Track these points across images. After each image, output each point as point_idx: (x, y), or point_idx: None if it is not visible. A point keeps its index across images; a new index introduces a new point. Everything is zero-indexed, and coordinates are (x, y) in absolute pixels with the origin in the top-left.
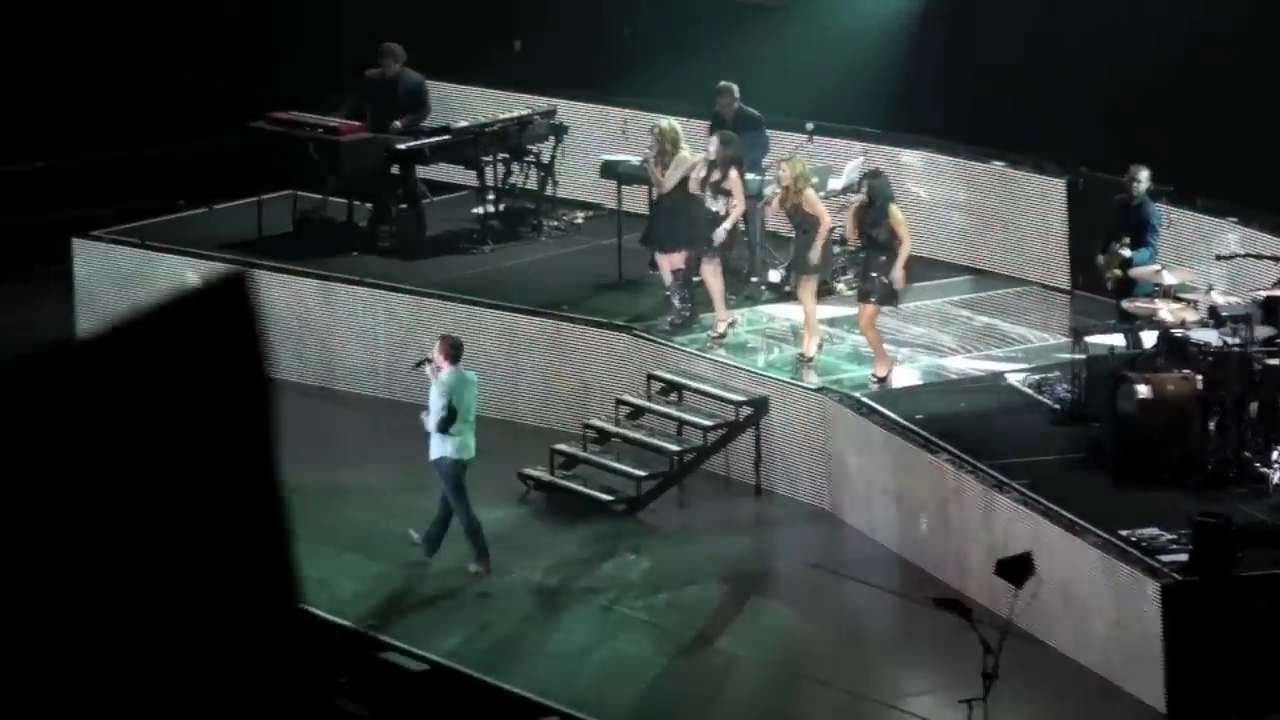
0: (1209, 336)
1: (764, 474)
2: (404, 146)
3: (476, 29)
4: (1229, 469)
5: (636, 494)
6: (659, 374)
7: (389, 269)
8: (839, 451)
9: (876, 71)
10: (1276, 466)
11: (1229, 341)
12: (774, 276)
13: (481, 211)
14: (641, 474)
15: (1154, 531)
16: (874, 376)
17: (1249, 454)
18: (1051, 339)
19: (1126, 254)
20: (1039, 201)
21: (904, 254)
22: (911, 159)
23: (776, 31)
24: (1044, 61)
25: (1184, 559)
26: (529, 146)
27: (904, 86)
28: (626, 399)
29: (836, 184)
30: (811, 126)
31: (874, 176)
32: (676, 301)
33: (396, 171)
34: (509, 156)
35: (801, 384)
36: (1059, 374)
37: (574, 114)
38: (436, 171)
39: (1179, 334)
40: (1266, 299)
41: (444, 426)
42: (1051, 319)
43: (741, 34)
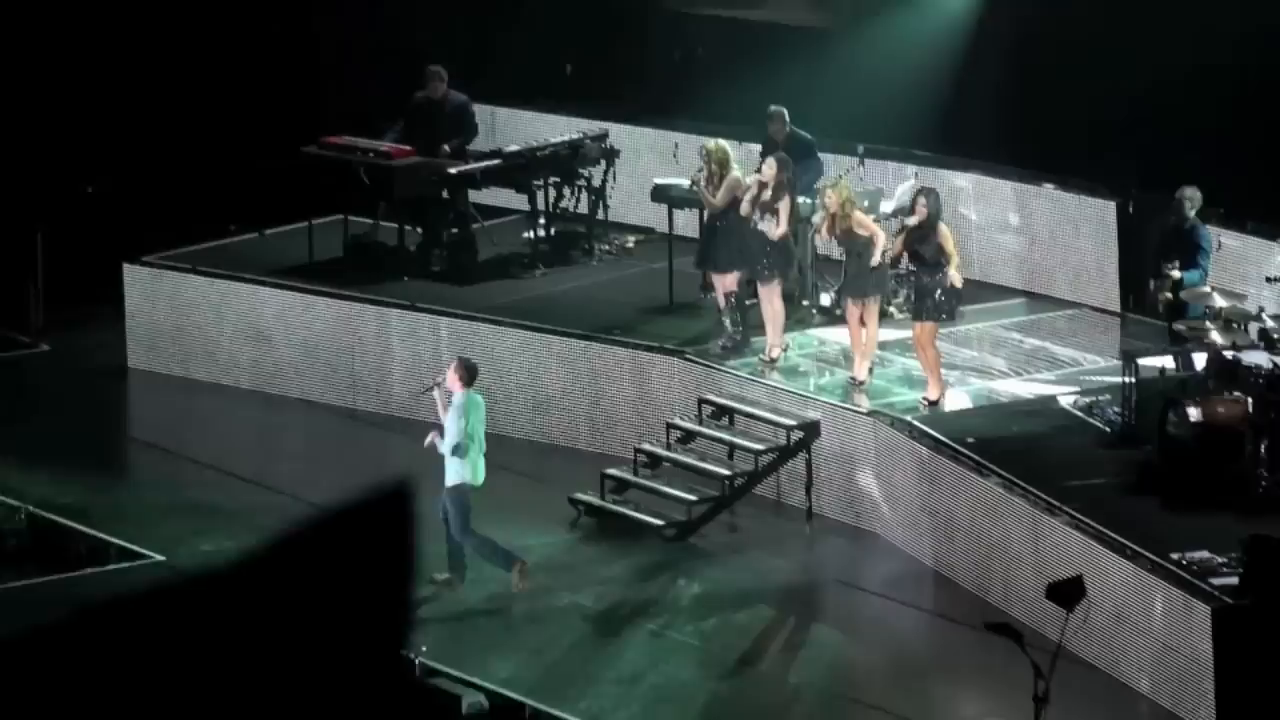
0: (1260, 359)
1: (815, 498)
2: (455, 171)
3: (528, 53)
4: None
5: (687, 518)
6: (710, 398)
7: (440, 293)
8: (890, 475)
9: (927, 94)
10: None
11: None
12: (825, 300)
13: (533, 235)
14: (692, 498)
15: (1205, 554)
16: (925, 400)
17: None
18: (1102, 361)
19: (1177, 276)
20: (1090, 224)
21: (953, 268)
22: (962, 181)
23: (827, 55)
24: (1095, 83)
25: (1235, 582)
26: (580, 170)
27: (955, 109)
28: (678, 423)
29: (888, 207)
30: (863, 150)
31: (930, 195)
32: (729, 324)
33: (448, 196)
34: (560, 180)
35: (853, 408)
36: (1110, 397)
37: (625, 138)
38: (488, 196)
39: (1230, 356)
40: None
41: (463, 450)
42: (1102, 341)
43: (792, 57)
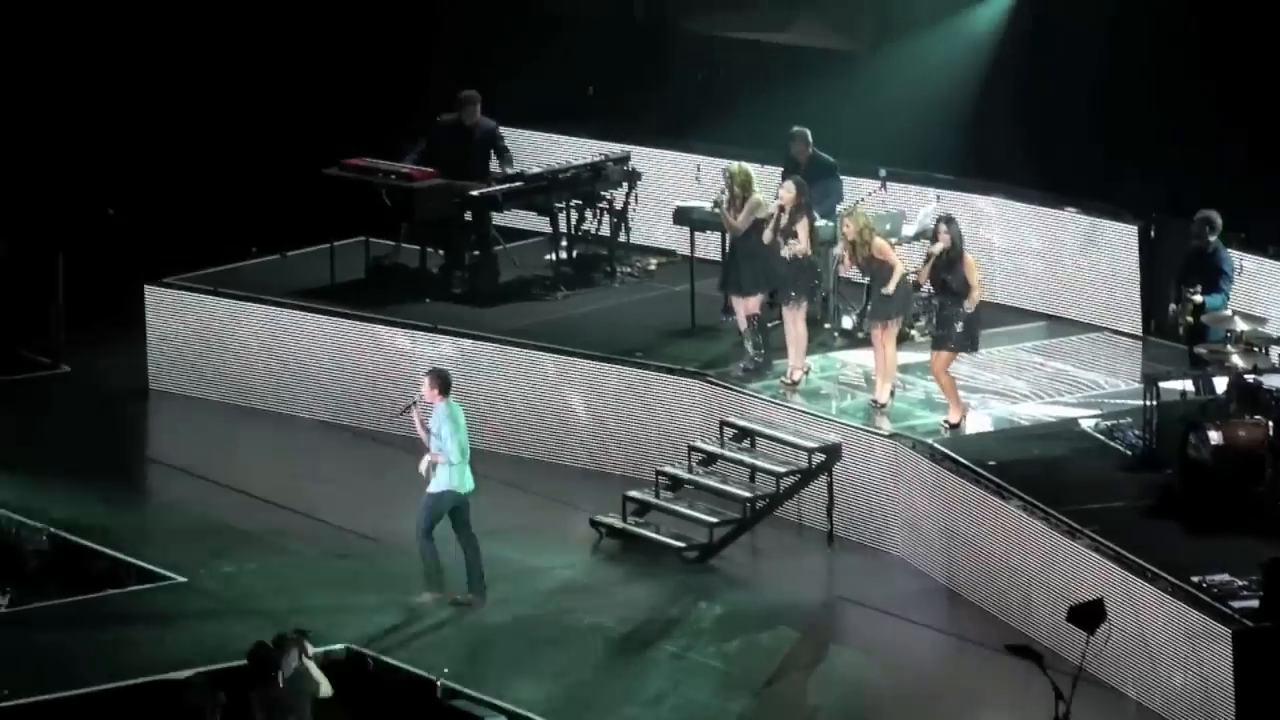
0: None
1: (836, 520)
2: (477, 193)
3: (551, 75)
4: None
5: (709, 540)
6: (732, 420)
7: (462, 315)
8: (911, 497)
9: (949, 117)
10: None
11: None
12: (847, 323)
13: (554, 258)
14: (714, 520)
15: (1225, 577)
16: (946, 422)
17: None
18: (1123, 385)
19: (1198, 300)
20: (1112, 247)
21: (975, 298)
22: (984, 205)
23: (850, 78)
24: (1117, 106)
25: (1255, 605)
26: (602, 193)
27: (977, 132)
28: (699, 445)
29: (909, 230)
30: (884, 172)
31: (951, 223)
32: (750, 347)
33: (470, 218)
34: (582, 203)
35: (874, 430)
36: (1131, 420)
37: (647, 160)
38: (510, 218)
39: (1251, 380)
40: None
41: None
42: (1123, 365)
43: (815, 80)
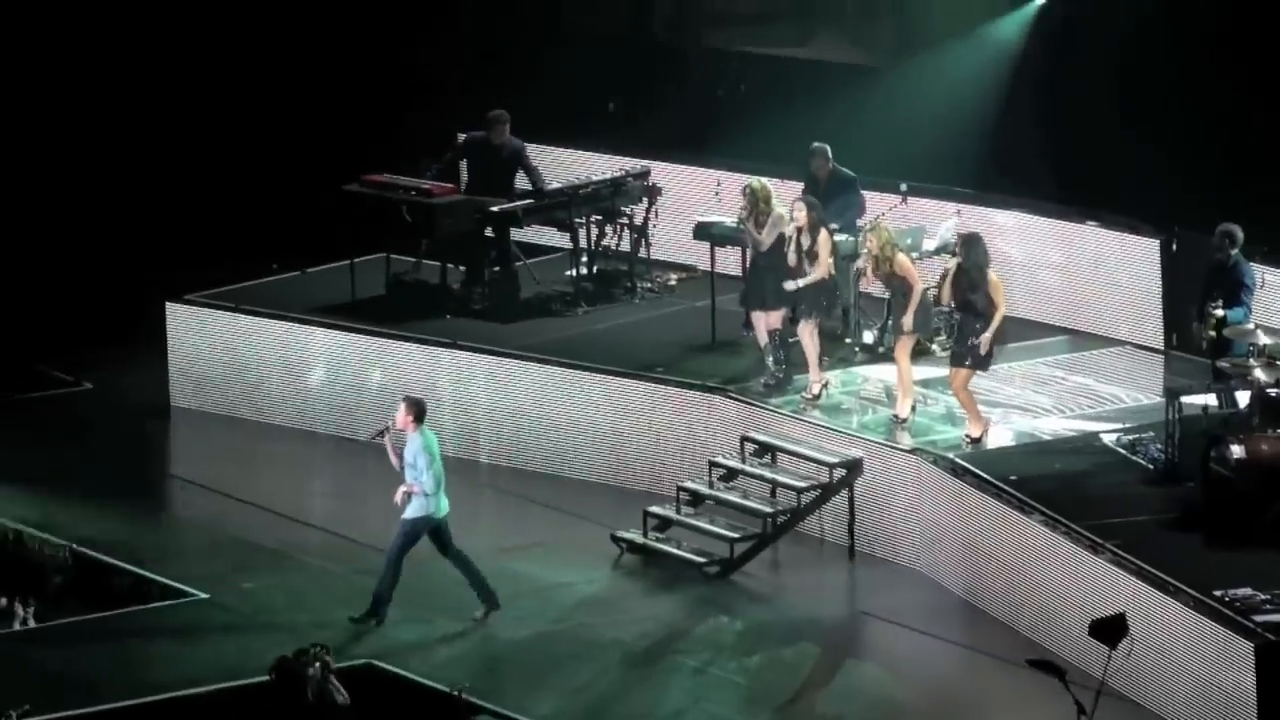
0: None
1: (858, 535)
2: (497, 209)
3: (570, 91)
4: None
5: (730, 556)
6: (753, 435)
7: (482, 331)
8: (932, 513)
9: (970, 132)
10: None
11: None
12: (868, 338)
13: (575, 273)
14: (735, 536)
15: (1248, 591)
16: (967, 437)
17: None
18: (1145, 399)
19: (1220, 313)
20: (1132, 261)
21: (997, 320)
22: (1005, 219)
23: (870, 93)
24: (1137, 120)
25: (1278, 619)
26: (622, 208)
27: (997, 146)
28: (720, 460)
29: (930, 244)
30: (905, 187)
31: (970, 243)
32: (771, 363)
33: (490, 234)
34: (602, 218)
35: (895, 445)
36: (1153, 434)
37: (667, 175)
38: (530, 234)
39: (1273, 394)
40: None
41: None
42: (1145, 379)
43: (835, 95)
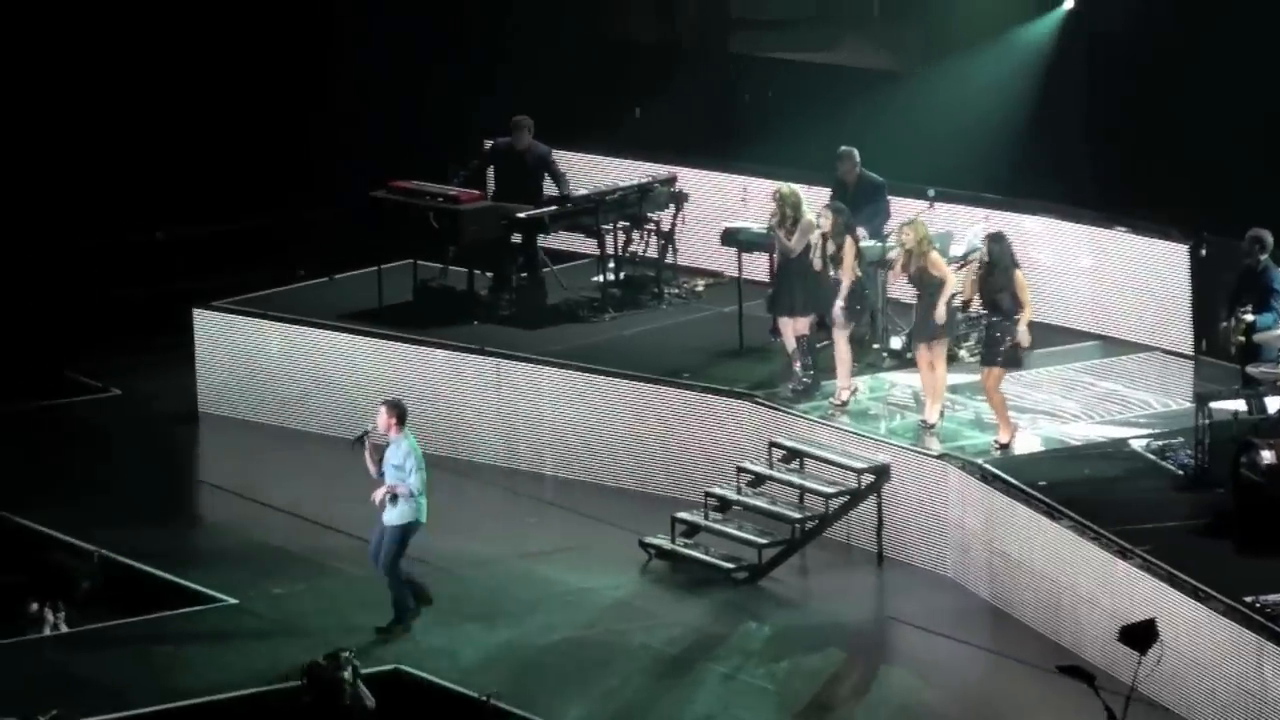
0: None
1: (886, 541)
2: (524, 215)
3: (597, 96)
4: None
5: (758, 562)
6: (781, 441)
7: (510, 338)
8: (961, 518)
9: (998, 137)
10: None
11: None
12: (896, 343)
13: (602, 279)
14: (763, 541)
15: (1278, 597)
16: (996, 443)
17: None
18: (1175, 404)
19: (1250, 319)
20: (1162, 267)
21: (1026, 317)
22: (1034, 225)
23: (898, 98)
24: (1166, 125)
25: None
26: (649, 214)
27: (1025, 152)
28: (748, 466)
29: (958, 250)
30: (933, 192)
31: (996, 240)
32: (798, 368)
33: (517, 240)
34: (629, 224)
35: (924, 450)
36: (1182, 440)
37: (694, 181)
38: (557, 240)
39: None
40: None
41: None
42: (1175, 384)
43: (863, 100)
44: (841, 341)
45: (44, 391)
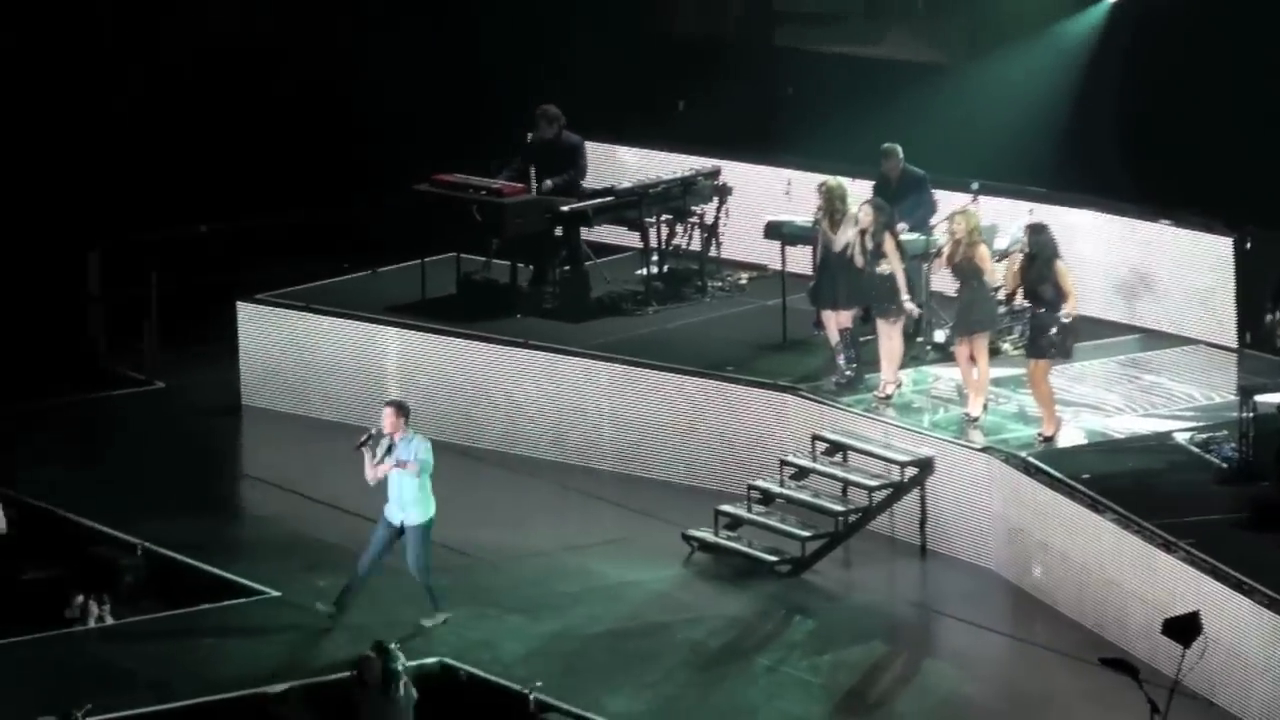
0: None
1: (929, 534)
2: (568, 208)
3: (641, 90)
4: None
5: (801, 554)
6: (824, 434)
7: (553, 331)
8: (1004, 511)
9: (1042, 130)
10: None
11: None
12: (939, 336)
13: (645, 273)
14: (806, 534)
15: None
16: (1040, 436)
17: None
18: (1219, 398)
19: None
20: (1206, 260)
21: (1071, 305)
22: (1078, 218)
23: (941, 91)
24: (1211, 119)
25: None
26: (693, 207)
27: (1070, 144)
28: (791, 459)
29: (1002, 243)
30: (977, 186)
31: (1038, 232)
32: (842, 361)
33: (560, 233)
34: (673, 217)
35: (967, 444)
36: (1226, 433)
37: (738, 175)
38: (601, 233)
39: None
40: None
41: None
42: (1219, 377)
43: (907, 93)
44: (895, 336)
45: (87, 385)
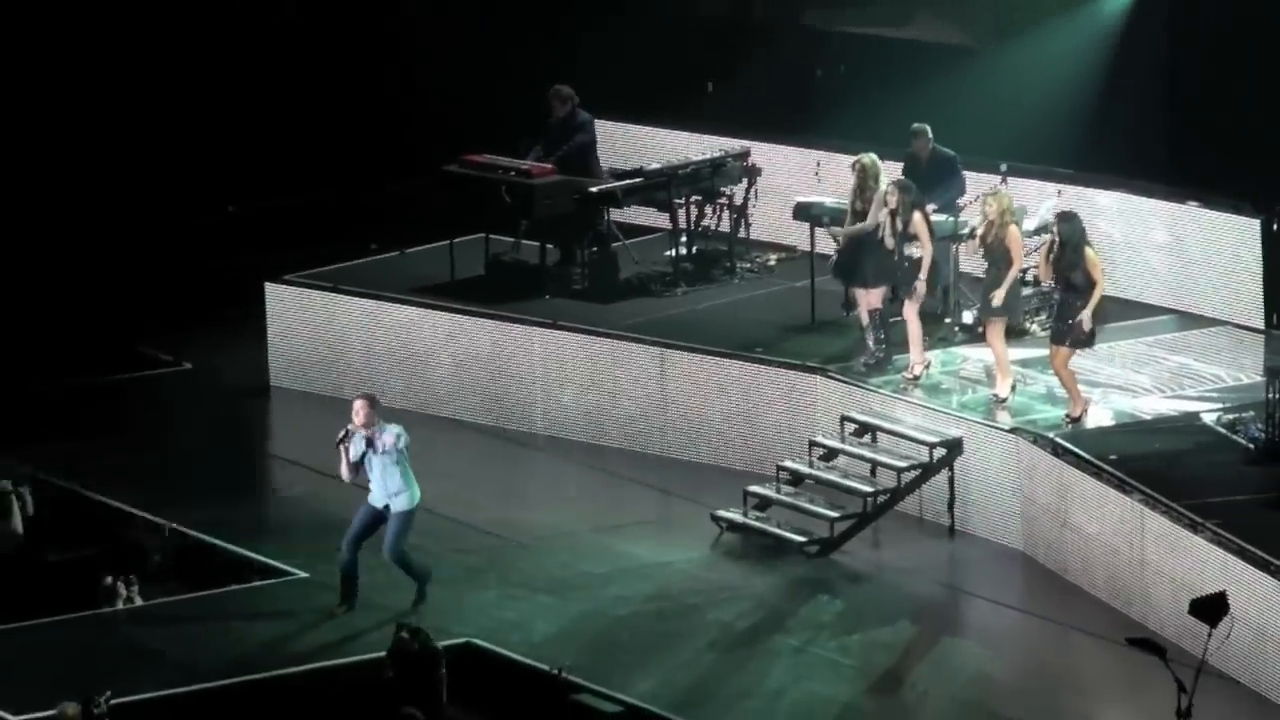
0: None
1: (957, 514)
2: (596, 189)
3: (671, 71)
4: None
5: (829, 535)
6: (853, 415)
7: (582, 311)
8: (1032, 492)
9: (1070, 112)
10: None
11: None
12: (968, 318)
13: (674, 254)
14: (835, 515)
15: None
16: (1068, 417)
17: None
18: (1245, 378)
19: None
20: (1234, 241)
21: (1096, 297)
22: (1106, 199)
23: (971, 72)
24: (1240, 100)
25: None
26: (722, 189)
27: (1097, 126)
28: (820, 440)
29: (1030, 224)
30: (1005, 167)
31: (1066, 219)
32: (871, 342)
33: (589, 215)
34: (702, 199)
35: (995, 425)
36: (1253, 413)
37: (767, 156)
38: (630, 214)
39: None
40: None
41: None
42: (1246, 358)
43: (936, 75)
44: (911, 316)
45: (115, 366)
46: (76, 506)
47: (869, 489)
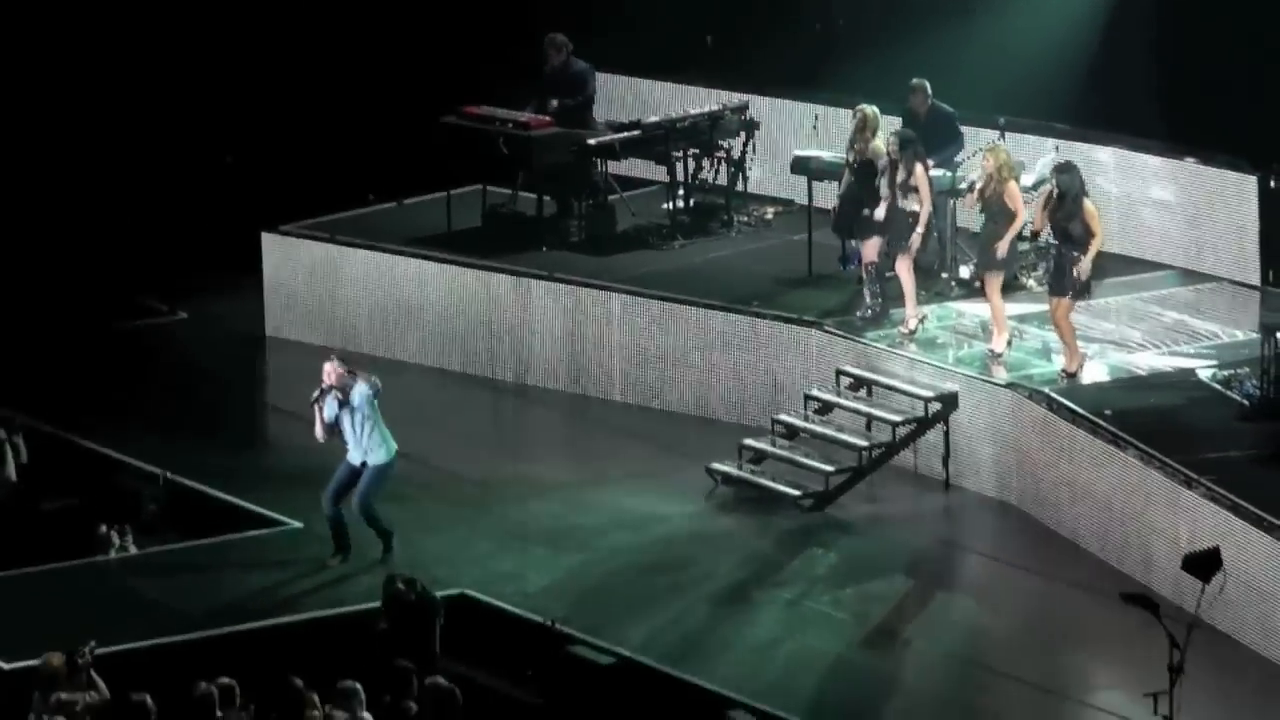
0: None
1: (952, 469)
2: (594, 142)
3: (670, 24)
4: None
5: (824, 489)
6: (848, 369)
7: (578, 264)
8: (1027, 446)
9: (1068, 67)
10: None
11: None
12: (965, 272)
13: (671, 207)
14: (830, 469)
15: None
16: (1063, 372)
17: None
18: (1241, 335)
19: None
20: (1231, 198)
21: (1095, 248)
22: (1103, 155)
23: (969, 27)
24: (1237, 56)
25: None
26: (720, 142)
27: (1096, 81)
28: (815, 394)
29: (1028, 179)
30: (1003, 122)
31: (1065, 170)
32: (868, 295)
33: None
34: (700, 152)
35: (991, 379)
36: (1249, 370)
37: (765, 109)
38: (627, 167)
39: None
40: None
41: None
42: (1242, 315)
43: (934, 29)
44: (904, 271)
45: (112, 315)
46: (71, 455)
47: (864, 443)
